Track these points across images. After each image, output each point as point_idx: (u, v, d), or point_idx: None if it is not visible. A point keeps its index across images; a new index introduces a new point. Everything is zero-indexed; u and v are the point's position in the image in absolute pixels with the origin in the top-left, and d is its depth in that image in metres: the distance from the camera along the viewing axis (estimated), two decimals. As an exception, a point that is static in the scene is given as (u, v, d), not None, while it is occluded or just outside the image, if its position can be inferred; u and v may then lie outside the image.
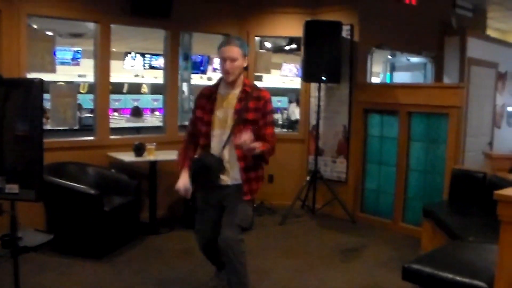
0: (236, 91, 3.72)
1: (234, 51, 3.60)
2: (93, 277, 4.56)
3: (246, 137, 3.40)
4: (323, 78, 6.47)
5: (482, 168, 5.69)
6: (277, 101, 20.79)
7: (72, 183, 5.03)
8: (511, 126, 9.46)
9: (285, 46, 9.46)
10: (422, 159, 6.07)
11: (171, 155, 6.02)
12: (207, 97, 3.77)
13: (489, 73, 8.28)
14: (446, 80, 7.82)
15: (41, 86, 2.80)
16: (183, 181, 3.80)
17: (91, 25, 6.32)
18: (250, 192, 3.75)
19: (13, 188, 2.83)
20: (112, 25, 6.03)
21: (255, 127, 3.62)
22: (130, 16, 6.05)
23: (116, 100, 17.68)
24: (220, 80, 3.79)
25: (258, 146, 3.48)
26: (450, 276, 3.10)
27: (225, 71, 3.62)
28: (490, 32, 9.97)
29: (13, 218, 3.02)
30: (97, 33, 6.00)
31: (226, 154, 3.67)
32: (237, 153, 3.65)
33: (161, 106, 20.48)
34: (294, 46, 9.11)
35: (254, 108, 3.68)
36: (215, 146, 3.68)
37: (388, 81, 9.40)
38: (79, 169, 5.55)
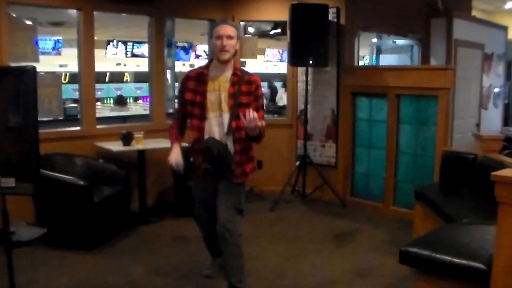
0: (228, 74, 3.73)
1: (231, 29, 3.64)
2: (85, 269, 4.50)
3: (254, 115, 3.44)
4: (310, 62, 6.42)
5: (472, 150, 5.69)
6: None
7: (60, 175, 4.95)
8: (498, 107, 9.52)
9: (269, 30, 9.37)
10: (412, 141, 6.07)
11: (159, 143, 5.97)
12: (197, 79, 3.76)
13: (475, 54, 8.29)
14: (433, 62, 7.81)
15: (34, 73, 2.69)
16: (175, 156, 3.78)
17: (72, 13, 6.18)
18: (243, 175, 3.82)
19: (9, 181, 2.73)
20: (95, 13, 5.90)
21: (247, 108, 3.60)
22: (113, 3, 5.94)
23: (98, 90, 17.48)
24: (210, 62, 3.80)
25: (263, 123, 3.56)
26: (448, 258, 3.09)
27: (221, 48, 3.61)
28: (475, 13, 9.99)
29: (5, 212, 2.95)
30: (80, 21, 5.87)
31: (228, 139, 3.71)
32: (235, 135, 3.71)
33: (144, 94, 20.36)
34: (278, 30, 9.02)
35: (247, 92, 3.73)
36: (214, 130, 3.71)
37: (374, 64, 9.38)
38: (67, 160, 5.46)
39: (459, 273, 3.04)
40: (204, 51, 15.04)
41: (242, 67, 4.06)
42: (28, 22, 5.55)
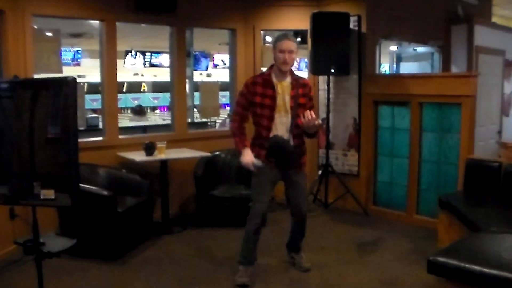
0: (288, 79, 4.35)
1: (293, 44, 4.23)
2: (109, 279, 4.52)
3: (313, 115, 4.02)
4: (332, 70, 6.40)
5: (496, 157, 5.63)
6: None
7: (84, 185, 4.96)
8: (520, 114, 9.41)
9: (296, 39, 9.38)
10: (435, 149, 6.02)
11: (181, 153, 6.00)
12: (263, 85, 4.32)
13: (496, 60, 8.23)
14: (454, 69, 7.76)
15: (75, 84, 2.70)
16: (250, 157, 4.24)
17: (91, 24, 6.24)
18: (302, 165, 4.48)
19: (49, 194, 2.73)
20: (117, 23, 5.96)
21: (305, 109, 4.19)
22: (135, 13, 5.98)
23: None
24: (270, 69, 4.38)
25: (319, 122, 4.16)
26: (477, 268, 3.05)
27: (284, 61, 4.22)
28: (495, 19, 9.92)
29: (35, 223, 2.96)
30: (102, 32, 5.93)
31: (287, 135, 4.31)
32: (294, 132, 4.32)
33: (161, 104, 20.48)
34: (298, 39, 9.02)
35: (303, 94, 4.37)
36: (279, 128, 4.31)
37: (394, 72, 9.34)
38: (90, 170, 5.49)
39: (489, 283, 3.00)
40: (222, 60, 15.12)
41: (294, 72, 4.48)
42: (49, 34, 5.61)
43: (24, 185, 2.74)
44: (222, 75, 14.67)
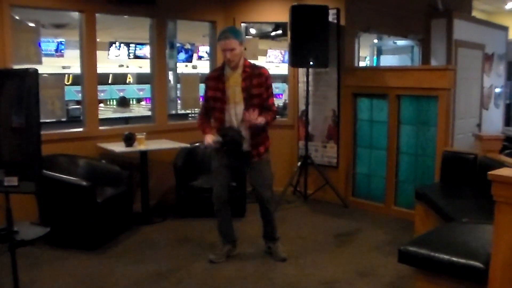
0: (239, 71, 4.48)
1: (232, 43, 4.34)
2: (88, 269, 4.55)
3: (251, 116, 4.31)
4: (311, 63, 6.45)
5: (473, 150, 5.72)
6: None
7: (63, 175, 5.00)
8: (499, 108, 9.54)
9: (270, 32, 9.41)
10: (413, 142, 6.10)
11: (161, 144, 6.03)
12: (216, 79, 4.52)
13: (476, 54, 8.32)
14: (434, 63, 7.84)
15: (36, 75, 2.77)
16: (210, 138, 4.53)
17: (74, 15, 6.23)
18: (257, 155, 4.57)
19: (13, 180, 2.81)
20: (96, 14, 5.95)
21: (261, 99, 4.46)
22: (114, 5, 5.98)
23: (101, 91, 17.53)
24: (224, 64, 4.52)
25: (261, 120, 4.40)
26: (446, 257, 3.12)
27: (227, 60, 4.41)
28: (475, 14, 10.01)
29: (9, 211, 2.99)
30: (82, 23, 5.92)
31: (242, 126, 4.46)
32: (245, 124, 4.45)
33: (147, 95, 20.41)
34: (279, 31, 9.06)
35: (258, 84, 4.47)
36: (230, 118, 4.48)
37: (375, 65, 9.40)
38: (70, 161, 5.52)
39: (458, 272, 3.08)
40: (206, 52, 15.08)
41: (251, 62, 4.63)
42: (31, 24, 5.60)
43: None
44: (206, 67, 14.67)
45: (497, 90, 9.41)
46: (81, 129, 6.06)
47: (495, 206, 2.74)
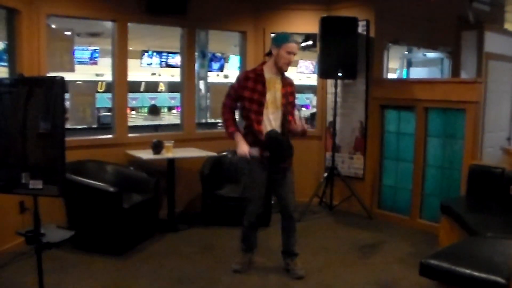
0: (279, 77, 4.50)
1: (297, 48, 4.47)
2: (113, 273, 4.63)
3: (303, 122, 4.49)
4: (340, 74, 6.47)
5: (500, 164, 5.65)
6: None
7: (91, 181, 5.10)
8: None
9: (301, 42, 9.47)
10: (439, 155, 6.05)
11: (189, 152, 6.11)
12: (254, 80, 4.45)
13: (507, 67, 8.21)
14: (464, 75, 7.77)
15: (63, 84, 2.87)
16: (246, 147, 4.44)
17: (108, 24, 6.39)
18: (289, 162, 4.58)
19: (37, 183, 2.92)
20: (129, 24, 6.09)
21: (292, 107, 4.56)
22: (146, 14, 6.11)
23: (133, 99, 17.82)
24: (262, 65, 4.52)
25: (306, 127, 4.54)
26: (467, 271, 3.11)
27: (288, 62, 4.44)
28: (508, 26, 9.87)
29: (36, 214, 3.09)
30: (114, 32, 6.06)
31: (279, 130, 4.46)
32: (285, 129, 4.47)
33: (178, 104, 20.64)
34: (310, 42, 9.10)
35: (291, 92, 4.58)
36: (267, 123, 4.44)
37: (404, 77, 9.36)
38: (98, 167, 5.63)
39: (479, 287, 3.06)
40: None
41: None
42: (67, 33, 5.76)
43: (14, 175, 2.91)
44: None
45: (529, 104, 9.25)
46: (110, 136, 6.18)
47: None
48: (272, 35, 7.38)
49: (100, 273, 4.61)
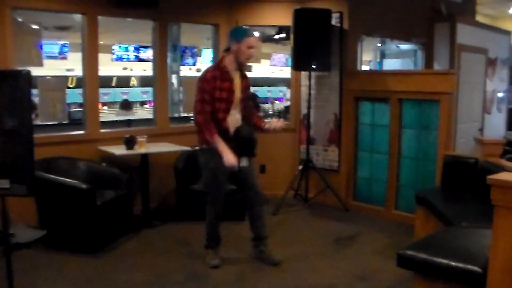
0: (237, 71, 4.46)
1: (258, 41, 4.49)
2: (87, 273, 4.53)
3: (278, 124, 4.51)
4: (313, 66, 6.45)
5: (474, 154, 5.70)
6: (267, 91, 20.78)
7: (63, 178, 4.99)
8: (501, 112, 9.49)
9: (274, 35, 9.41)
10: (414, 146, 6.08)
11: (162, 147, 6.03)
12: (221, 78, 4.34)
13: (479, 59, 8.28)
14: (436, 67, 7.81)
15: (29, 77, 2.75)
16: (233, 157, 4.31)
17: (78, 18, 6.24)
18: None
19: (3, 183, 2.80)
20: (99, 17, 5.95)
21: (248, 99, 4.57)
22: (117, 7, 5.97)
23: (105, 94, 17.57)
24: (223, 61, 4.41)
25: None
26: (444, 261, 3.10)
27: (250, 57, 4.37)
28: (479, 18, 9.98)
29: (5, 214, 2.99)
30: (84, 25, 5.92)
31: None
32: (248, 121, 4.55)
33: (150, 98, 20.46)
34: (283, 35, 9.05)
35: (246, 85, 4.55)
36: (233, 118, 4.42)
37: (378, 68, 9.38)
38: (70, 164, 5.51)
39: (456, 276, 3.05)
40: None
41: None
42: (34, 26, 5.61)
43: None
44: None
45: (500, 94, 9.37)
46: (82, 132, 6.05)
47: (494, 211, 2.72)
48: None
49: (74, 273, 4.51)
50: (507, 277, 2.71)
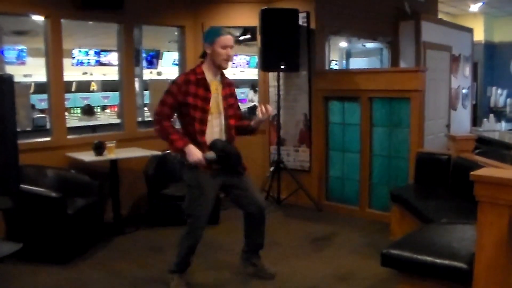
0: (218, 78, 4.08)
1: (233, 40, 4.01)
2: (60, 283, 4.39)
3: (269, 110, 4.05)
4: (282, 66, 6.41)
5: (445, 150, 5.75)
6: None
7: (31, 187, 4.81)
8: (466, 108, 9.66)
9: (238, 36, 9.36)
10: (385, 144, 6.10)
11: (132, 152, 5.90)
12: (196, 84, 3.95)
13: (443, 56, 8.41)
14: (403, 65, 7.89)
15: (11, 81, 2.60)
16: (198, 152, 3.91)
17: (37, 22, 6.05)
18: (244, 168, 4.26)
19: (-16, 196, 2.62)
20: (62, 21, 5.79)
21: (234, 109, 4.17)
22: (81, 10, 5.82)
23: (65, 99, 17.21)
24: (200, 67, 4.03)
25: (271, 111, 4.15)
26: (429, 259, 3.10)
27: (227, 58, 3.96)
28: (441, 16, 10.13)
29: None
30: (47, 29, 5.75)
31: (223, 137, 4.07)
32: (229, 134, 4.11)
33: (111, 103, 20.22)
34: (248, 36, 9.00)
35: (231, 94, 4.17)
36: (212, 131, 4.01)
37: (344, 68, 9.43)
38: (37, 172, 5.33)
39: (441, 274, 3.05)
40: (174, 58, 14.96)
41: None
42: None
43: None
44: (172, 73, 14.54)
45: (464, 91, 9.54)
46: (48, 139, 5.88)
47: (477, 206, 2.72)
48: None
49: (47, 284, 4.36)
50: (492, 272, 2.72)
